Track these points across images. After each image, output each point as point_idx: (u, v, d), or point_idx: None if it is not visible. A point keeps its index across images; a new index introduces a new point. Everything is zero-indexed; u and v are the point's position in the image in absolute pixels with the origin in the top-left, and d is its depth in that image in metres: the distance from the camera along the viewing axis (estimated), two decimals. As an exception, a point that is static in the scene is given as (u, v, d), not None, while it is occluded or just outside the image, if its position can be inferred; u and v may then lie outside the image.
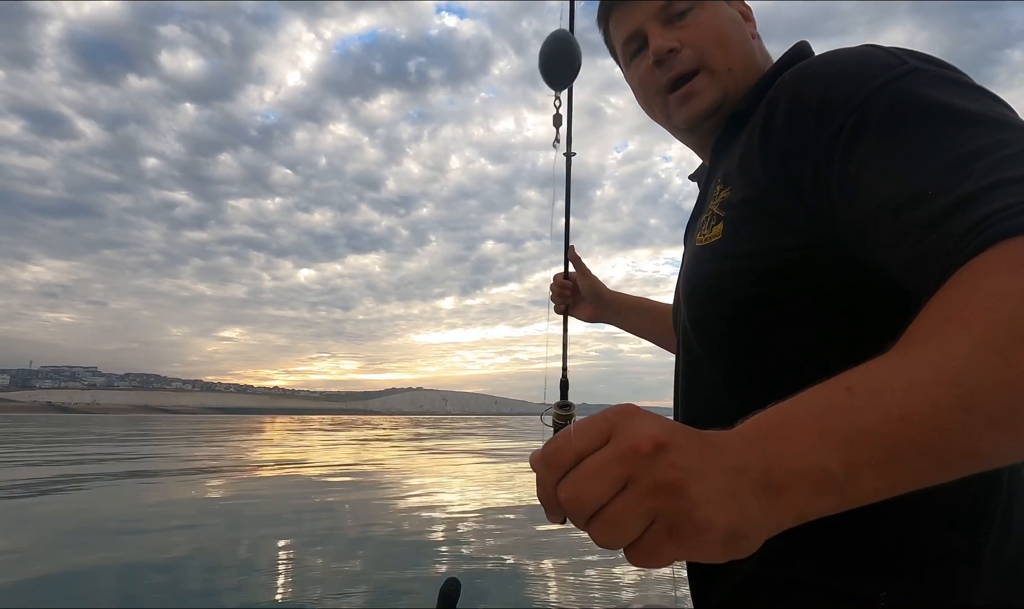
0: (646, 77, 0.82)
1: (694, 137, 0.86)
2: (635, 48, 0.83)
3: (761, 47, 0.83)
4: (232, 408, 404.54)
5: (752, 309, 0.67)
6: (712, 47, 0.77)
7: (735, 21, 0.80)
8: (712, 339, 0.72)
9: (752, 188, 0.66)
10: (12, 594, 4.44)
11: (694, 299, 0.74)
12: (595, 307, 1.26)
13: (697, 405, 0.77)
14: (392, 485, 10.73)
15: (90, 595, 4.50)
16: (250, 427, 47.25)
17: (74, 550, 5.78)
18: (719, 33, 0.78)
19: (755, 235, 0.65)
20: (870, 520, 0.59)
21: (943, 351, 0.40)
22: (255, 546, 5.98)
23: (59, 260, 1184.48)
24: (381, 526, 6.99)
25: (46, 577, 4.78)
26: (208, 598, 4.41)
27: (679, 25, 0.78)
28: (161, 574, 4.98)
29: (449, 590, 1.17)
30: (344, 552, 5.76)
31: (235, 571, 5.07)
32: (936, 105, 0.53)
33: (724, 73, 0.78)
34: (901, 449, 0.38)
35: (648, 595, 4.35)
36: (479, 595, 4.45)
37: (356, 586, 4.64)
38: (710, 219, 0.72)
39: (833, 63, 0.62)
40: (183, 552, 5.68)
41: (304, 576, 4.95)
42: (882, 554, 0.59)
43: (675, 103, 0.80)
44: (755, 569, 0.65)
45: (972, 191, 0.45)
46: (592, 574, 4.94)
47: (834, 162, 0.56)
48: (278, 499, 8.97)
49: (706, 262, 0.71)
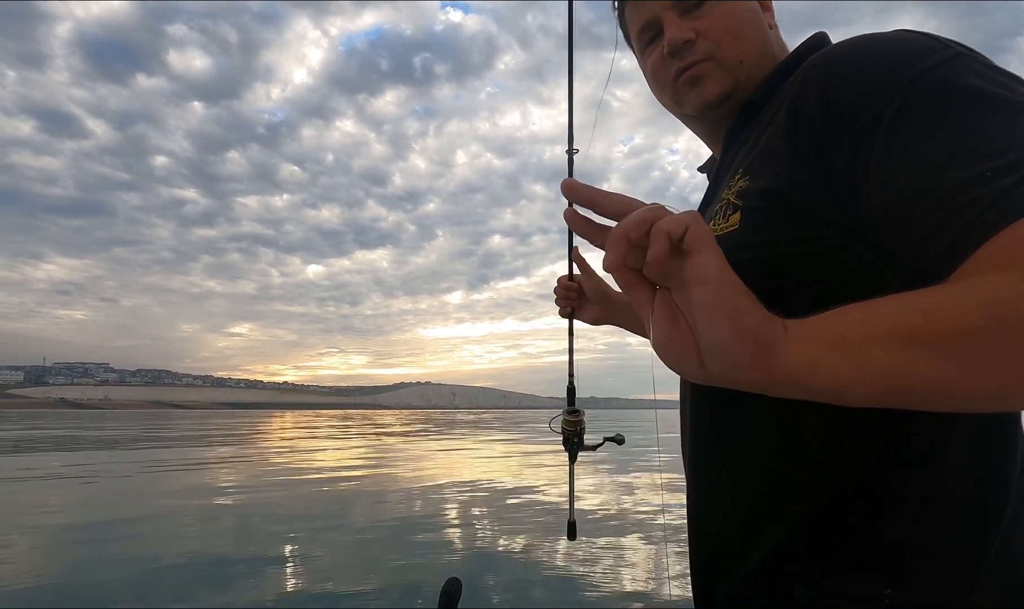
0: (659, 66, 0.81)
1: (705, 126, 0.85)
2: (650, 36, 0.82)
3: (778, 37, 0.81)
4: (243, 403, 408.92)
5: (767, 301, 0.65)
6: (727, 39, 0.76)
7: (752, 11, 0.78)
8: None
9: (776, 177, 0.64)
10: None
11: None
12: (601, 308, 1.23)
13: (704, 404, 0.75)
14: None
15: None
16: (288, 424, 47.74)
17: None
18: (735, 24, 0.76)
19: (775, 225, 0.64)
20: (876, 518, 0.58)
21: (980, 283, 0.43)
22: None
23: (72, 258, 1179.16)
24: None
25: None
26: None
27: (695, 15, 0.76)
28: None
29: (450, 589, 1.14)
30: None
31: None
32: (983, 92, 0.52)
33: (736, 66, 0.76)
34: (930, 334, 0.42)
35: (648, 595, 4.35)
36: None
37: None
38: (725, 208, 0.70)
39: (869, 47, 0.60)
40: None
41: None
42: (887, 553, 0.58)
43: (684, 87, 0.79)
44: (759, 567, 0.64)
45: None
46: (592, 574, 4.93)
47: (873, 149, 0.54)
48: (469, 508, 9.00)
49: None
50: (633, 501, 8.35)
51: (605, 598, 4.26)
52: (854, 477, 0.60)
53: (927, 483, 0.58)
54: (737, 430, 0.68)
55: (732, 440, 0.69)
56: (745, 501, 0.67)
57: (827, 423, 0.59)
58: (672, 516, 7.02)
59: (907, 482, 0.58)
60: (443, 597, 1.14)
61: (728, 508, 0.70)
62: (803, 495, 0.62)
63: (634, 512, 7.53)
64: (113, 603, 4.26)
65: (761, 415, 0.65)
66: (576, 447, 1.15)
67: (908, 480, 0.58)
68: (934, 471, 0.58)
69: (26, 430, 30.83)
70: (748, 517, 0.67)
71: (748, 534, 0.66)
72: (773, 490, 0.65)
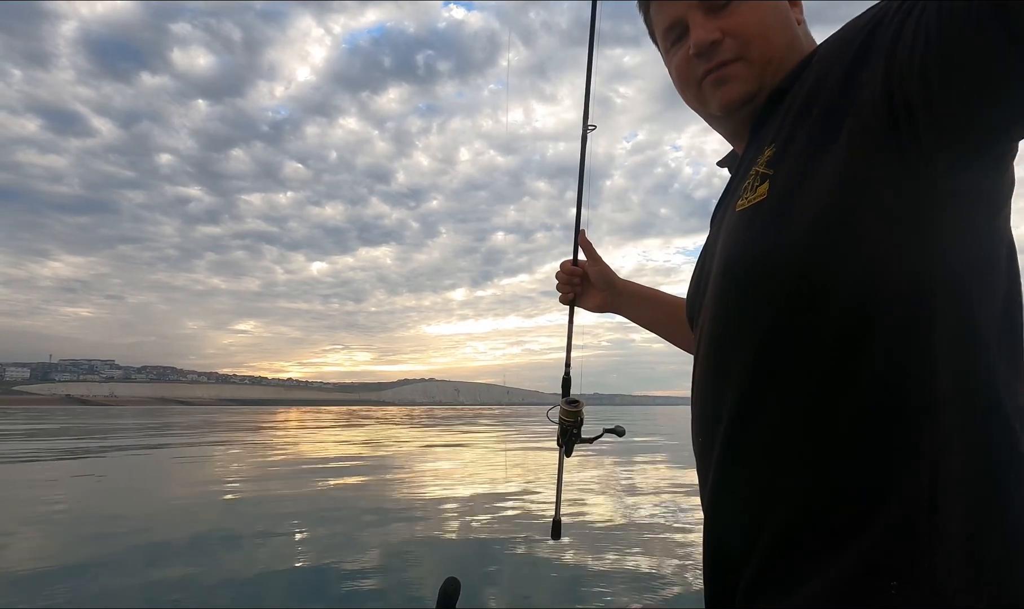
0: (684, 66, 0.80)
1: (729, 124, 0.84)
2: (676, 35, 0.81)
3: (806, 32, 0.80)
4: (247, 400, 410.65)
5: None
6: (755, 38, 0.75)
7: (779, 9, 0.77)
8: (751, 315, 0.69)
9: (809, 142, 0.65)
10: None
11: (736, 264, 0.71)
12: (606, 295, 1.22)
13: (721, 399, 0.72)
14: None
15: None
16: (292, 419, 47.91)
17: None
18: (762, 22, 0.75)
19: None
20: (881, 509, 0.58)
21: None
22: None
23: (77, 256, 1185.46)
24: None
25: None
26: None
27: (722, 14, 0.75)
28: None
29: (449, 589, 1.11)
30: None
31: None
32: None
33: (763, 65, 0.75)
34: None
35: (648, 595, 4.32)
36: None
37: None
38: (755, 180, 0.70)
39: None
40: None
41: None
42: (892, 544, 0.57)
43: (709, 88, 0.79)
44: (768, 561, 0.64)
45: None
46: (592, 574, 4.90)
47: (912, 14, 0.54)
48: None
49: (751, 226, 0.69)
50: (633, 499, 8.33)
51: (605, 598, 4.24)
52: (861, 469, 0.59)
53: (935, 475, 0.57)
54: (753, 426, 0.67)
55: (746, 435, 0.68)
56: (756, 494, 0.66)
57: (839, 414, 0.60)
58: (672, 516, 6.99)
59: (916, 475, 0.57)
60: (441, 597, 1.10)
61: (740, 503, 0.68)
62: (811, 487, 0.61)
63: (633, 510, 7.50)
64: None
65: (778, 407, 0.64)
66: (574, 439, 1.14)
67: (917, 472, 0.57)
68: (942, 463, 0.57)
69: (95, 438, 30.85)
70: (759, 509, 0.65)
71: (758, 525, 0.65)
72: (781, 481, 0.64)
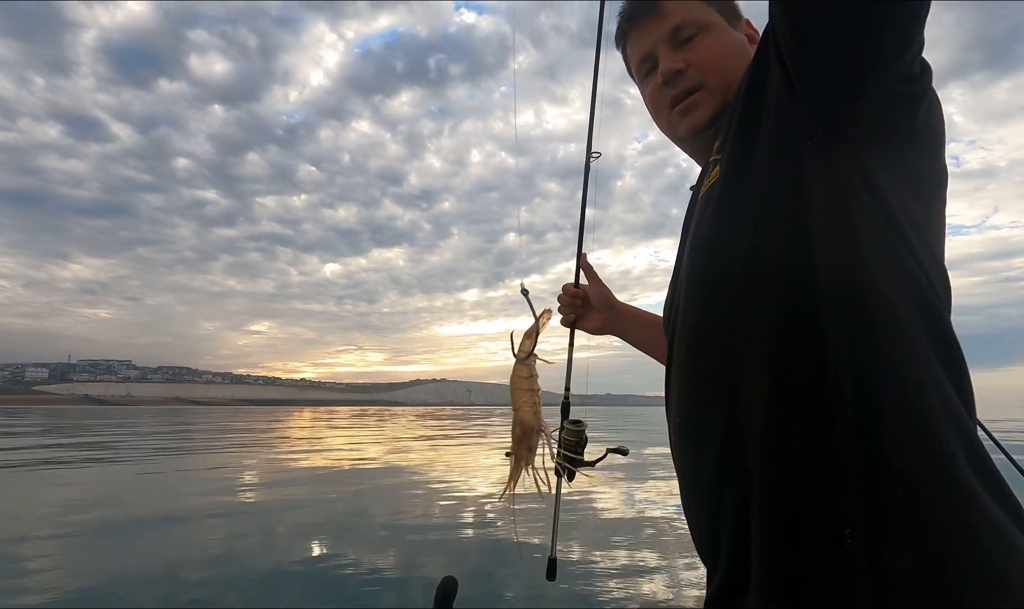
0: (655, 94, 0.92)
1: (695, 146, 0.93)
2: (648, 68, 0.92)
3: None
4: (261, 400, 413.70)
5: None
6: (714, 68, 0.86)
7: (737, 43, 0.88)
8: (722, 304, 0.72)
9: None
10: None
11: (703, 250, 0.75)
12: (606, 317, 1.24)
13: (689, 395, 0.76)
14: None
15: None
16: (306, 419, 48.13)
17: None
18: (721, 54, 0.86)
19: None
20: (866, 498, 0.57)
21: None
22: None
23: (97, 258, 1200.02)
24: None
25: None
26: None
27: (686, 48, 0.87)
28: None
29: (446, 588, 1.11)
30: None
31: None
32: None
33: (724, 90, 0.85)
34: None
35: (648, 595, 4.30)
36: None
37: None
38: (708, 167, 0.78)
39: None
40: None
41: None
42: (873, 530, 0.57)
43: (677, 116, 0.89)
44: (753, 555, 0.64)
45: None
46: (592, 574, 4.88)
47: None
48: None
49: (706, 209, 0.76)
50: (633, 501, 8.28)
51: (605, 597, 4.22)
52: (839, 459, 0.59)
53: (928, 470, 0.57)
54: (720, 418, 0.69)
55: (717, 427, 0.69)
56: (728, 487, 0.67)
57: (814, 404, 0.61)
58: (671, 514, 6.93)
59: (908, 466, 0.57)
60: (439, 596, 1.10)
61: (715, 496, 0.70)
62: (784, 477, 0.62)
63: (631, 510, 7.46)
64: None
65: (748, 401, 0.66)
66: (577, 464, 1.09)
67: (911, 461, 0.58)
68: (938, 455, 0.57)
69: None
70: (735, 503, 0.66)
71: (736, 520, 0.66)
72: (754, 475, 0.64)
